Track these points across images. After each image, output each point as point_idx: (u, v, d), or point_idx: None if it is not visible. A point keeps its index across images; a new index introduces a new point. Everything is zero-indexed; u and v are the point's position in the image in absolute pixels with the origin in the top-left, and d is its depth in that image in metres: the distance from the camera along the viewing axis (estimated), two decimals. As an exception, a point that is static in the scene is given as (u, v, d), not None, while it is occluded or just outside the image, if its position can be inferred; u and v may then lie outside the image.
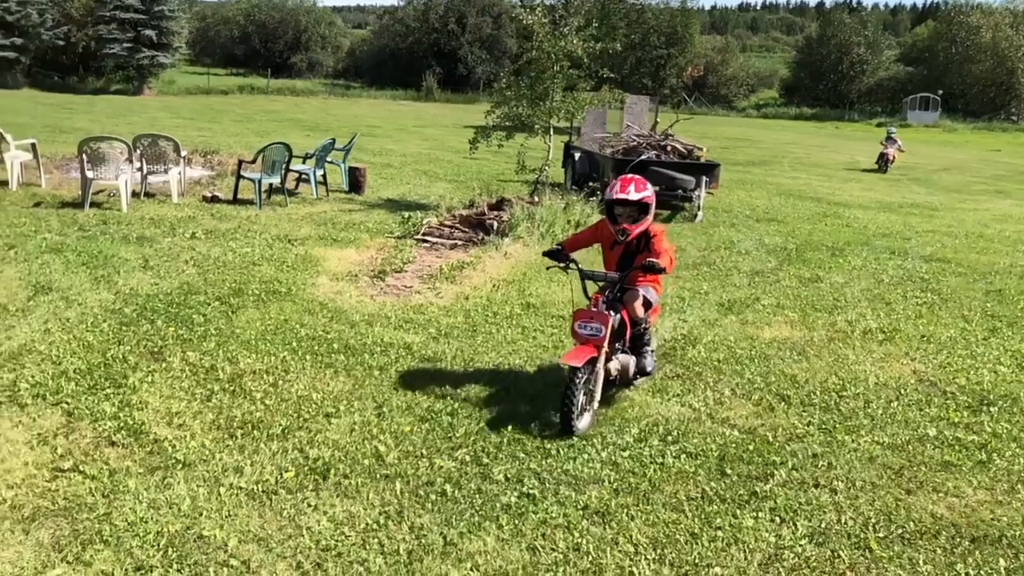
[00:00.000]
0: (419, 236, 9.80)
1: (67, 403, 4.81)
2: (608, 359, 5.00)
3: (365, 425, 4.78)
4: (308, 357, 5.78)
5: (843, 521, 4.02)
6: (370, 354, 5.90)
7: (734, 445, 4.78)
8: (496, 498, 4.04)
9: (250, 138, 20.00)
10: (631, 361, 5.24)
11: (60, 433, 4.45)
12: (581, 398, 4.70)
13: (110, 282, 7.26)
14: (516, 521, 3.85)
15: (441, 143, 22.99)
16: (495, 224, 9.97)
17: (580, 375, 4.67)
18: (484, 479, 4.23)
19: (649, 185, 5.25)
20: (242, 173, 11.61)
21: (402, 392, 5.27)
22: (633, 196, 5.18)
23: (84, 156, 10.34)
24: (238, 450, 4.39)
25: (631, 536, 3.80)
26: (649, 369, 5.40)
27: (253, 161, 11.67)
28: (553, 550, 3.66)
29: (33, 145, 12.23)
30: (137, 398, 4.93)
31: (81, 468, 4.09)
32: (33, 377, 5.14)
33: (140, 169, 11.18)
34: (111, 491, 3.91)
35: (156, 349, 5.75)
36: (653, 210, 5.29)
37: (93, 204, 10.46)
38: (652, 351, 5.52)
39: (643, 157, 12.93)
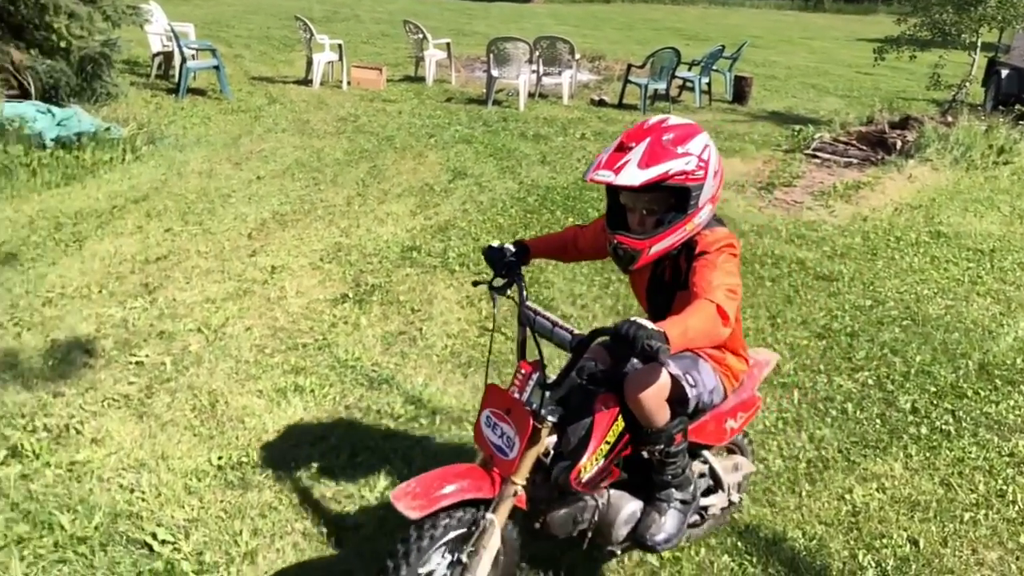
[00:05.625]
0: (809, 151, 9.25)
1: (487, 274, 5.37)
2: (539, 506, 2.44)
3: (759, 333, 4.72)
4: (698, 260, 5.81)
5: None
6: (760, 264, 5.78)
7: None
8: (903, 427, 3.79)
9: (631, 46, 20.21)
10: (626, 510, 2.50)
11: (484, 298, 5.01)
12: None
13: (514, 173, 7.90)
14: (927, 453, 3.59)
15: (830, 56, 21.30)
16: (898, 143, 9.06)
17: (425, 537, 2.20)
18: (888, 405, 3.99)
19: (697, 140, 2.29)
20: (629, 78, 11.83)
21: (796, 306, 5.10)
22: (631, 177, 2.19)
23: (491, 55, 11.22)
24: (636, 336, 4.59)
25: (1071, 498, 3.35)
26: (662, 537, 2.48)
27: (642, 66, 11.80)
28: (972, 491, 3.35)
29: (448, 44, 13.58)
30: (544, 277, 5.36)
31: (503, 331, 4.57)
32: (457, 249, 5.82)
33: (536, 70, 11.89)
34: (529, 354, 4.34)
35: (558, 236, 6.17)
36: (709, 198, 2.32)
37: (495, 102, 11.37)
38: (684, 502, 2.54)
39: (1093, 76, 10.80)
